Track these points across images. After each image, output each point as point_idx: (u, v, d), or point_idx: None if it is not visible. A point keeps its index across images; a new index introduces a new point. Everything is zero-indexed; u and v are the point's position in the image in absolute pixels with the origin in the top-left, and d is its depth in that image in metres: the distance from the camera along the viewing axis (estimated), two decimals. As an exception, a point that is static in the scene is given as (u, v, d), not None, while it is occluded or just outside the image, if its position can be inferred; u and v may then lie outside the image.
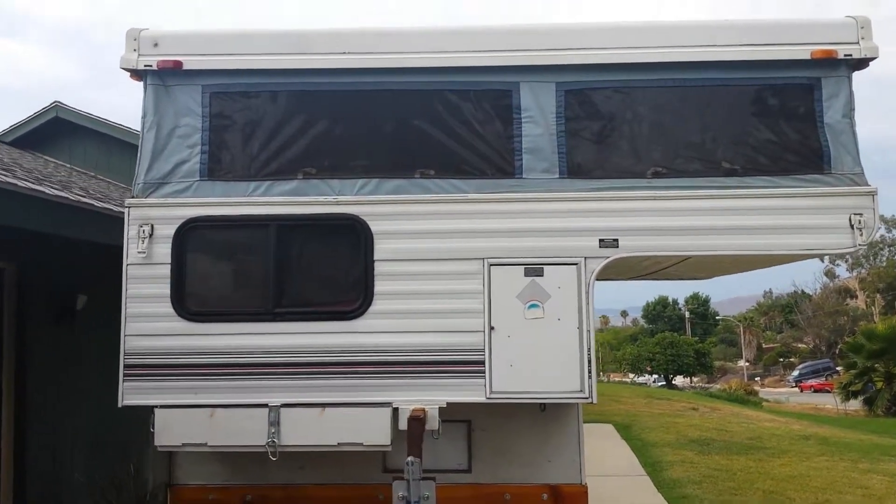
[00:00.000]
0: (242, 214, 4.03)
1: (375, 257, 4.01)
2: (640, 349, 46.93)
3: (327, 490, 4.43)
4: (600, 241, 3.98)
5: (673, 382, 43.48)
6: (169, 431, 3.96)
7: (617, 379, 47.51)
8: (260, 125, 4.13)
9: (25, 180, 5.26)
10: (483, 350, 3.95)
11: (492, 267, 3.99)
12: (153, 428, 3.94)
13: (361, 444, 3.90)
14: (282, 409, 3.93)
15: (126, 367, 4.01)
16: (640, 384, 40.93)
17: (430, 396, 3.97)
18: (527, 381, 3.94)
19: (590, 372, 3.92)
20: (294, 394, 3.97)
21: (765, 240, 3.99)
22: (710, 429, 12.66)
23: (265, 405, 3.93)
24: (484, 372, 3.94)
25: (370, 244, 4.01)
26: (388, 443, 3.86)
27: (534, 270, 3.97)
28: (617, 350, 53.17)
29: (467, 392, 3.96)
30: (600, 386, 18.32)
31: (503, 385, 3.93)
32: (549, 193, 4.01)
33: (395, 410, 3.93)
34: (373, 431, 3.87)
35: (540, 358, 3.94)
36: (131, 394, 4.01)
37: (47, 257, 5.53)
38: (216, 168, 4.10)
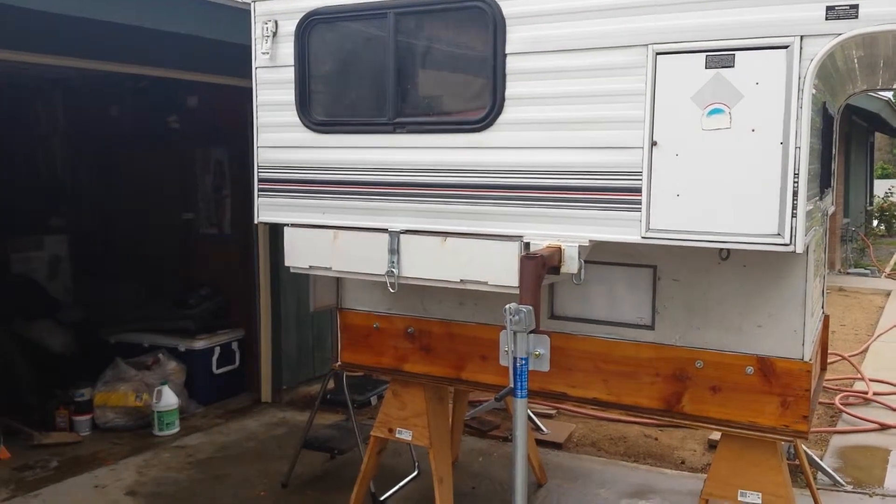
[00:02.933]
0: (359, 2, 3.36)
1: (507, 49, 3.10)
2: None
3: (486, 330, 3.85)
4: (828, 8, 2.58)
5: None
6: (297, 252, 3.67)
7: None
8: None
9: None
10: (640, 173, 2.91)
11: (658, 56, 2.84)
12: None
13: (486, 283, 3.21)
14: (402, 236, 3.38)
15: (259, 181, 3.75)
16: None
17: (568, 231, 3.09)
18: (699, 216, 2.83)
19: (795, 208, 2.68)
20: (416, 219, 3.38)
21: None
22: None
23: (385, 230, 3.41)
24: (640, 203, 2.92)
25: (501, 32, 3.10)
26: (517, 284, 3.10)
27: (720, 59, 2.74)
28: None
29: (617, 228, 3.00)
30: None
31: (666, 221, 2.89)
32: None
33: (527, 246, 3.14)
34: (499, 269, 3.14)
35: (721, 186, 2.78)
36: (265, 210, 3.77)
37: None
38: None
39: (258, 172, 3.74)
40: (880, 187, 24.22)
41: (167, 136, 7.26)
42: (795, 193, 2.67)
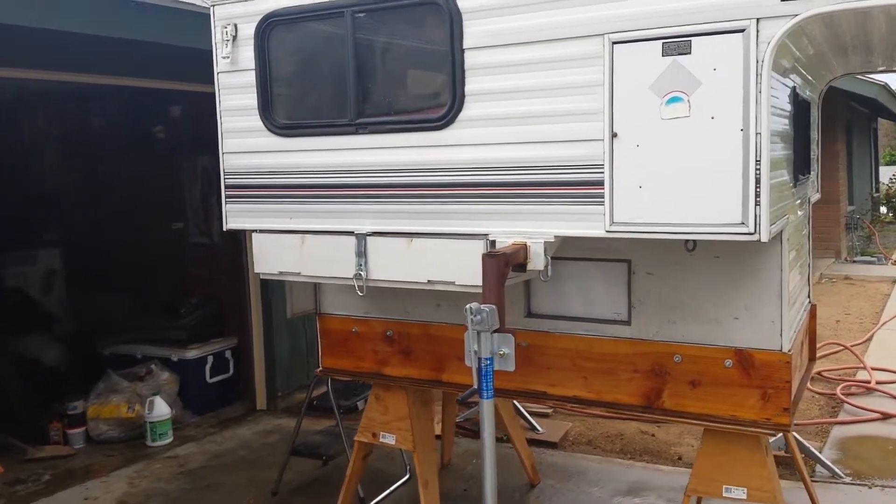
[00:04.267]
0: (316, 2, 3.31)
1: (465, 44, 3.04)
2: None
3: (445, 329, 3.80)
4: (783, -12, 2.51)
5: None
6: (266, 258, 3.63)
7: None
8: None
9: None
10: (601, 166, 2.84)
11: (615, 45, 2.77)
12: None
13: (453, 283, 3.15)
14: (368, 238, 3.33)
15: (226, 187, 3.71)
16: None
17: (533, 227, 3.03)
18: (663, 208, 2.76)
19: (758, 196, 2.61)
20: (382, 221, 3.32)
21: None
22: None
23: (352, 233, 3.36)
24: (603, 196, 2.85)
25: (458, 27, 3.04)
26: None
27: (676, 46, 2.67)
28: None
29: (581, 223, 2.93)
30: None
31: (629, 214, 2.82)
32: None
33: (493, 244, 3.08)
34: (465, 268, 3.08)
35: (683, 175, 2.72)
36: (233, 217, 3.72)
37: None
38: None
39: (224, 179, 3.69)
40: (886, 174, 24.01)
41: (154, 145, 7.25)
42: (758, 181, 2.60)
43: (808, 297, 4.21)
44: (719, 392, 3.30)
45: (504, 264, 2.81)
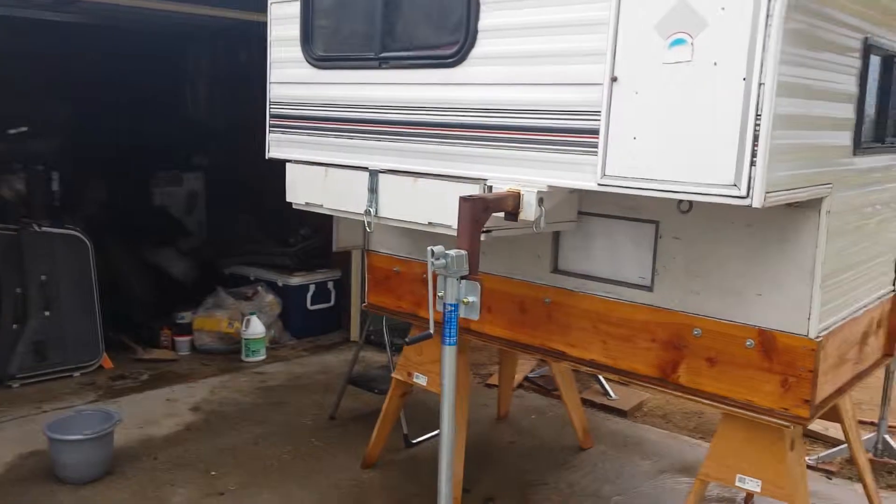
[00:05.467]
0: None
1: (479, -24, 2.89)
2: None
3: (499, 282, 3.71)
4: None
5: None
6: (295, 189, 3.71)
7: None
8: None
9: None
10: (598, 112, 2.62)
11: (622, -20, 2.52)
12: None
13: (451, 227, 3.06)
14: (380, 175, 3.30)
15: (271, 117, 3.80)
16: None
17: (528, 175, 2.86)
18: (655, 162, 2.51)
19: (754, 155, 2.30)
20: (394, 159, 3.28)
21: None
22: None
23: (366, 168, 3.34)
24: (597, 145, 2.64)
25: (473, -42, 2.89)
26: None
27: (683, -19, 2.39)
28: None
29: (574, 173, 2.73)
30: None
31: (622, 167, 2.59)
32: None
33: (489, 189, 2.95)
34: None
35: (678, 127, 2.45)
36: (274, 146, 3.82)
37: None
38: None
39: (270, 108, 3.79)
40: None
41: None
42: (756, 137, 2.29)
43: (894, 284, 3.71)
44: (737, 373, 3.01)
45: (481, 209, 2.69)
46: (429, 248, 2.62)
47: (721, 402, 3.06)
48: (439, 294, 2.72)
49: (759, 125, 2.28)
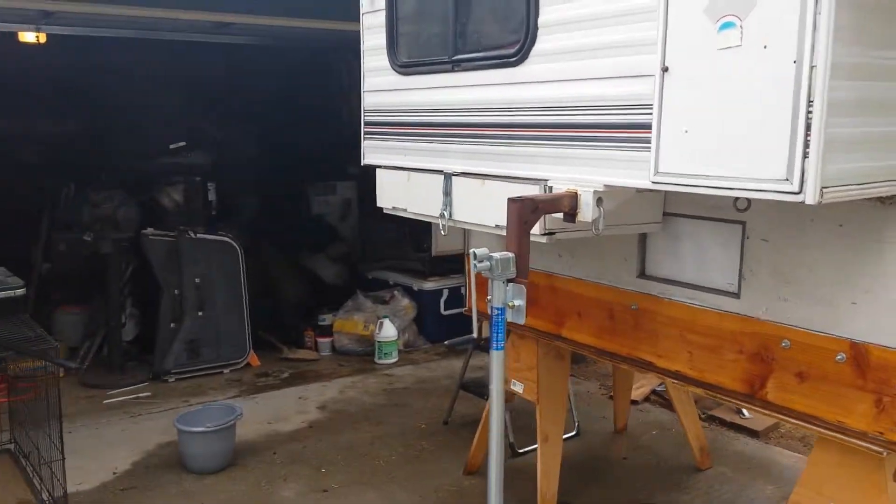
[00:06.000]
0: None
1: (536, -27, 2.82)
2: None
3: (588, 287, 3.61)
4: None
5: None
6: (384, 194, 3.79)
7: None
8: None
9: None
10: (650, 106, 2.46)
11: (670, -38, 2.36)
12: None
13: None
14: (453, 178, 3.30)
15: (365, 124, 3.92)
16: None
17: (585, 175, 2.74)
18: (707, 157, 2.32)
19: (807, 146, 2.07)
20: (465, 161, 3.27)
21: None
22: None
23: (441, 172, 3.36)
24: (650, 141, 2.48)
25: (531, -45, 2.82)
26: (539, 233, 2.87)
27: (731, -42, 2.20)
28: None
29: (629, 171, 2.58)
30: None
31: (674, 163, 2.42)
32: None
33: (550, 190, 2.86)
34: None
35: (730, 118, 2.25)
36: (368, 153, 3.92)
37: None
38: None
39: (364, 116, 3.90)
40: None
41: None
42: (808, 126, 2.06)
43: None
44: (828, 390, 2.71)
45: (530, 210, 2.61)
46: (471, 250, 2.59)
47: (812, 422, 2.77)
48: (488, 298, 2.67)
49: (811, 112, 2.05)
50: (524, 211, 2.60)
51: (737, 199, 2.75)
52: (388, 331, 6.66)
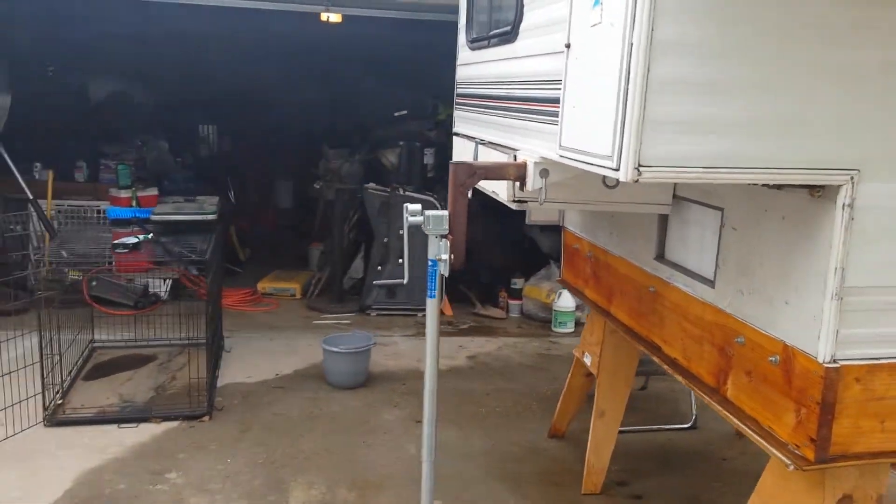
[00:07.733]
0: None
1: (519, -50, 2.92)
2: None
3: (623, 265, 3.63)
4: None
5: None
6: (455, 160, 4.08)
7: None
8: None
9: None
10: (560, 79, 2.51)
11: (573, -60, 2.38)
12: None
13: (496, 194, 3.19)
14: (479, 147, 3.52)
15: (456, 96, 4.23)
16: None
17: (534, 146, 2.83)
18: (579, 132, 2.34)
19: (623, 124, 2.04)
20: (486, 130, 3.48)
21: None
22: None
23: (475, 140, 3.60)
24: (557, 114, 2.53)
25: (516, -66, 2.93)
26: (508, 200, 3.03)
27: (597, -66, 2.18)
28: None
29: (550, 143, 2.63)
30: None
31: (568, 136, 2.44)
32: None
33: (514, 159, 2.98)
34: (498, 183, 3.10)
35: (589, 95, 2.25)
36: (456, 122, 4.22)
37: None
38: None
39: (456, 88, 4.23)
40: None
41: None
42: (626, 104, 2.02)
43: None
44: (765, 394, 2.53)
45: (466, 175, 2.79)
46: (405, 204, 2.87)
47: (751, 426, 2.59)
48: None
49: (627, 89, 2.01)
50: (459, 174, 2.80)
51: (604, 178, 2.64)
52: (566, 301, 6.83)
